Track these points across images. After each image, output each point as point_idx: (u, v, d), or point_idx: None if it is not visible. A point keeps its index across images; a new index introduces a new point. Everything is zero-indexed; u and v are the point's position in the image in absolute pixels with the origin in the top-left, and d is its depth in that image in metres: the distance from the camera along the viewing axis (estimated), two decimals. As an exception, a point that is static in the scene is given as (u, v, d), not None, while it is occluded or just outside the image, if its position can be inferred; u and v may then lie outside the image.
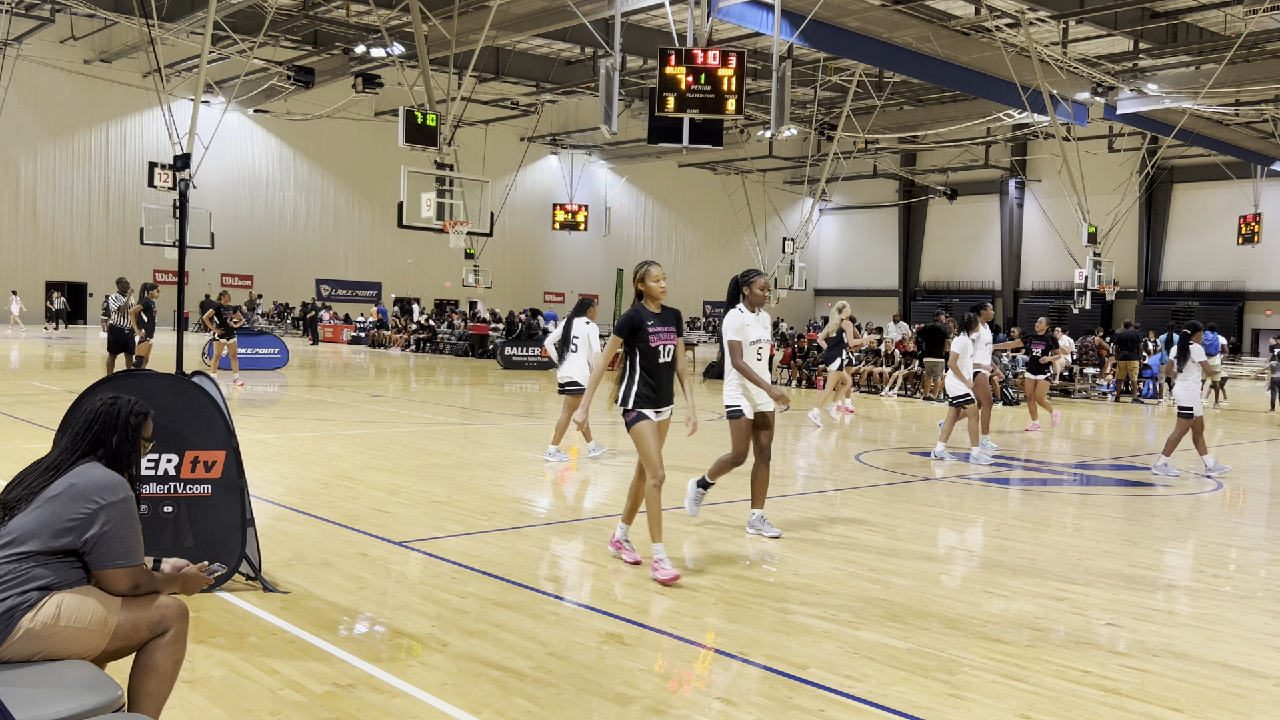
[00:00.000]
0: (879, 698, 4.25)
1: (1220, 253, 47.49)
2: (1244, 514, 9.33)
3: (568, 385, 10.66)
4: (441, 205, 20.28)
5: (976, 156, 50.28)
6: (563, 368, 10.74)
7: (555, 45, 35.67)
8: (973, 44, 26.41)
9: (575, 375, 10.60)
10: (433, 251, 46.52)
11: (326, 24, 32.02)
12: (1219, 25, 27.70)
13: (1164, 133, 31.96)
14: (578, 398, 10.42)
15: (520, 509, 8.13)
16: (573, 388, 10.58)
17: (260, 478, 8.59)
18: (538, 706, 4.04)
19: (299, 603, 5.29)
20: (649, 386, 6.02)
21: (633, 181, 56.98)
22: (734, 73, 14.66)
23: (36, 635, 3.00)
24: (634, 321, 6.01)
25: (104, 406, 3.40)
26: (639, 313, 6.05)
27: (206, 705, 3.95)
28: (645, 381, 6.01)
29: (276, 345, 22.95)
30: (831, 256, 63.48)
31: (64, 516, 3.11)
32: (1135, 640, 5.15)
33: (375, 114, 42.99)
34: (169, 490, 5.37)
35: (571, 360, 10.61)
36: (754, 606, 5.51)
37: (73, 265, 42.22)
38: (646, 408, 6.01)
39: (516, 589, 5.68)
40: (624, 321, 6.04)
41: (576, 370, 10.59)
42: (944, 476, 10.64)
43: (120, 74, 40.73)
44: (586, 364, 10.52)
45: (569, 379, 10.66)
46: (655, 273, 6.14)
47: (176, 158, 13.69)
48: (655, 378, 6.03)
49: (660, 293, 6.11)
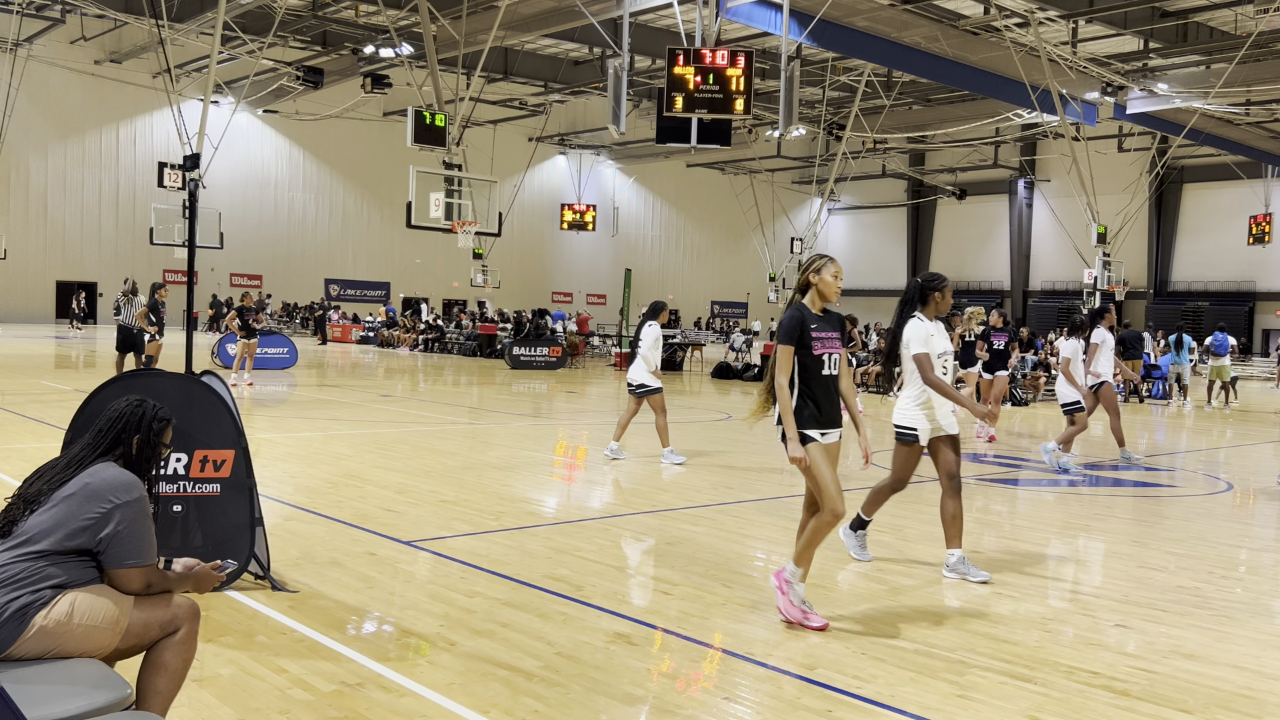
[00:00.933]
0: (887, 698, 4.24)
1: (1230, 253, 47.32)
2: (1254, 515, 9.29)
3: (635, 387, 10.78)
4: (450, 205, 20.32)
5: (985, 156, 50.19)
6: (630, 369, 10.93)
7: (563, 45, 35.69)
8: (982, 43, 26.36)
9: (637, 377, 10.73)
10: (441, 251, 46.61)
11: (335, 24, 32.10)
12: (1229, 25, 27.60)
13: (1174, 132, 31.86)
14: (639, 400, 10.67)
15: (528, 509, 8.14)
16: (639, 389, 10.71)
17: (269, 477, 8.62)
18: (545, 706, 4.05)
19: (307, 602, 5.30)
20: (812, 402, 5.17)
21: (641, 181, 56.98)
22: (742, 72, 14.65)
23: (50, 633, 3.02)
24: (801, 324, 5.15)
25: (129, 407, 3.42)
26: (804, 314, 5.19)
27: (215, 704, 3.96)
28: (807, 396, 5.17)
29: (285, 345, 23.01)
30: (840, 256, 62.90)
31: (79, 516, 3.13)
32: (1144, 641, 5.14)
33: (384, 114, 43.08)
34: (178, 489, 5.39)
35: (637, 362, 10.77)
36: (761, 607, 5.51)
37: (83, 265, 42.39)
38: (812, 428, 5.16)
39: (524, 589, 5.68)
40: (791, 325, 5.15)
41: (637, 372, 10.74)
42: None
43: (130, 74, 40.88)
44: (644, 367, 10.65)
45: (632, 380, 10.82)
46: (835, 269, 5.28)
47: (186, 158, 13.74)
48: (819, 392, 5.17)
49: (836, 293, 5.25)
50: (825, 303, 5.27)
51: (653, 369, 10.67)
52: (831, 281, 5.23)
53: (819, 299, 5.27)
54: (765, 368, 22.49)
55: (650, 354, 10.67)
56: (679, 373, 27.28)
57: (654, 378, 10.67)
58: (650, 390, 10.65)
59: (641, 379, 10.68)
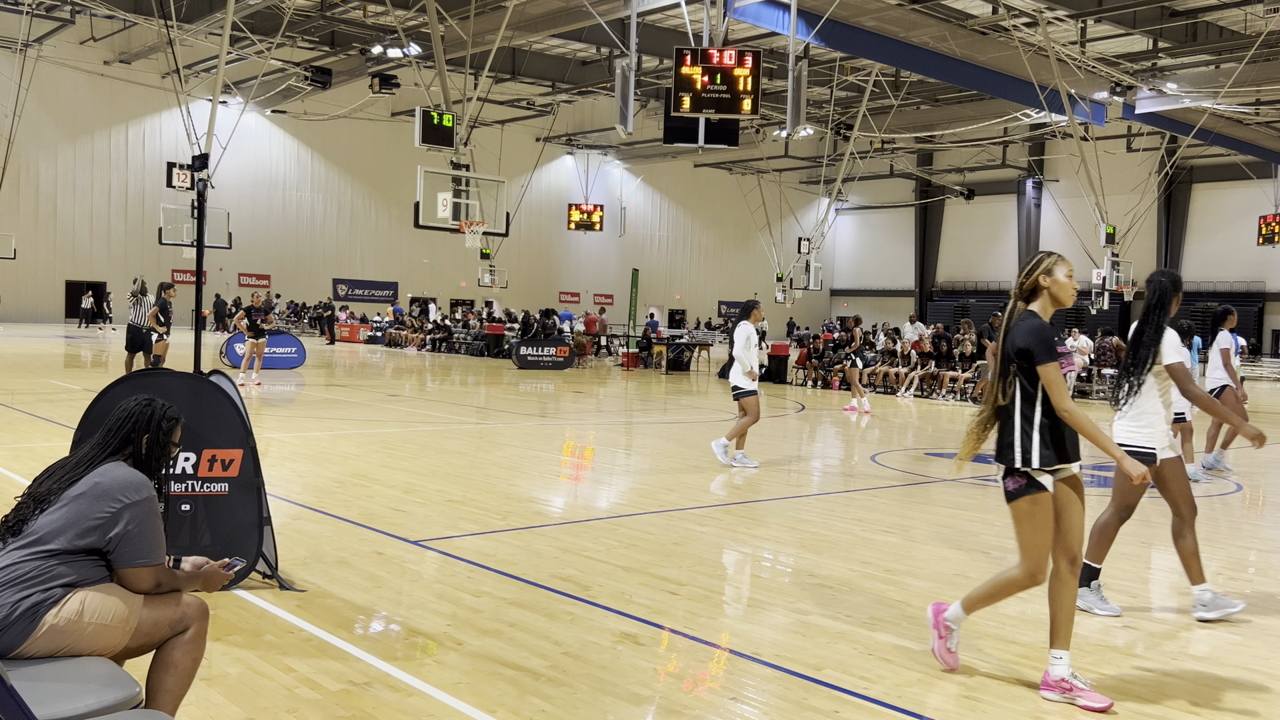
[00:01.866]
0: (894, 699, 4.24)
1: (1240, 253, 47.15)
2: (1263, 516, 9.26)
3: (732, 389, 10.66)
4: (457, 205, 20.32)
5: (994, 156, 50.08)
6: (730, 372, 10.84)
7: (571, 45, 35.71)
8: (990, 43, 26.30)
9: (733, 379, 10.61)
10: (449, 251, 46.67)
11: (343, 25, 32.17)
12: (1239, 24, 27.50)
13: (1183, 132, 31.74)
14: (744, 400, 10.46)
15: (535, 509, 8.14)
16: (734, 391, 10.58)
17: (277, 476, 8.64)
18: (552, 706, 4.05)
19: (315, 601, 5.31)
20: (1050, 432, 4.24)
21: (648, 181, 56.99)
22: (750, 72, 14.63)
23: (60, 631, 3.03)
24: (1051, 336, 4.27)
25: (139, 407, 3.43)
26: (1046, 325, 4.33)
27: (223, 702, 3.97)
28: (1045, 426, 4.23)
29: (293, 345, 23.07)
30: (847, 257, 63.34)
31: (88, 515, 3.15)
32: (1152, 643, 5.13)
33: (392, 114, 43.15)
34: (187, 489, 5.41)
35: (734, 364, 10.64)
36: (768, 607, 5.51)
37: (91, 265, 42.53)
38: (1046, 465, 4.23)
39: (531, 588, 5.69)
40: (1046, 337, 4.23)
41: (733, 374, 10.61)
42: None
43: (139, 75, 41.01)
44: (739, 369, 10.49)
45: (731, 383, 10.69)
46: (1068, 267, 4.46)
47: (195, 158, 13.76)
48: (1060, 421, 4.25)
49: (1071, 297, 4.42)
50: (1057, 308, 4.41)
51: (748, 370, 10.39)
52: (1066, 283, 4.40)
53: (1050, 305, 4.41)
54: (773, 368, 22.15)
55: (744, 355, 10.39)
56: (686, 373, 27.28)
57: (749, 380, 10.40)
58: (744, 393, 10.42)
59: (736, 380, 10.49)
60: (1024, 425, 4.24)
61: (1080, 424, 4.15)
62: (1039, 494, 4.23)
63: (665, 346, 28.93)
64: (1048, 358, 4.19)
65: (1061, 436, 4.23)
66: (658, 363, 28.49)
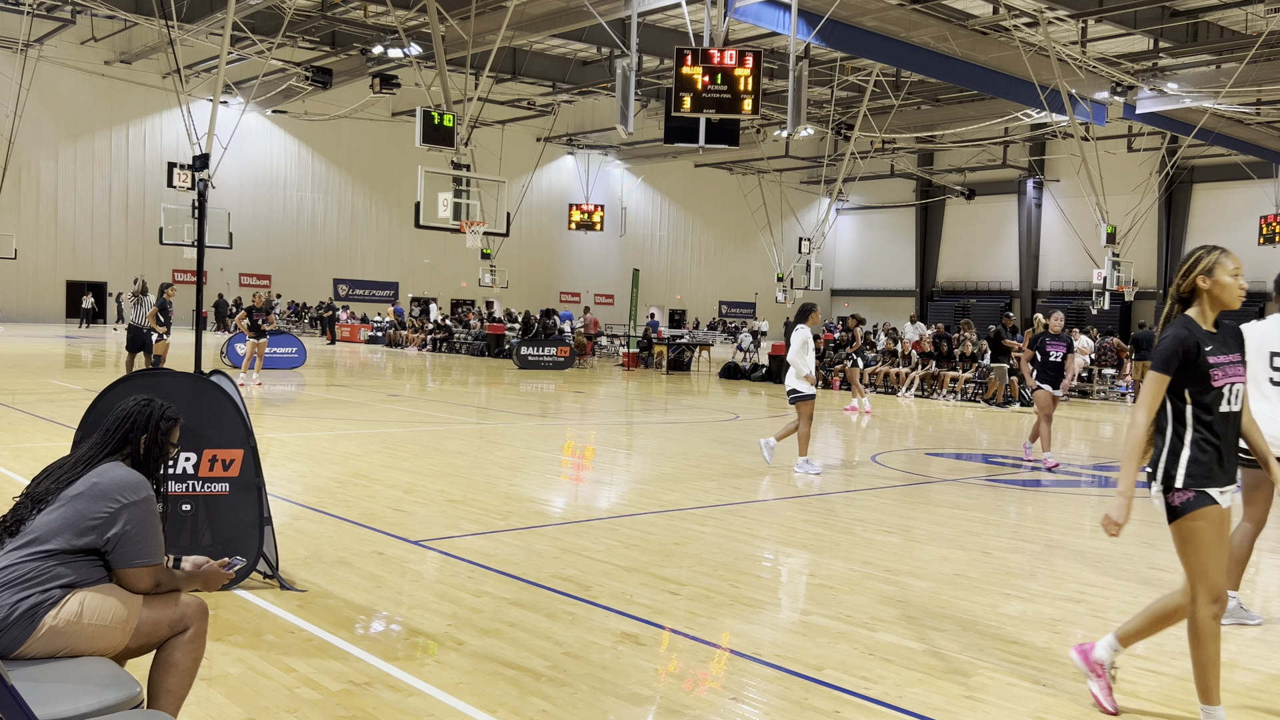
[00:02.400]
0: (895, 699, 4.24)
1: (1241, 253, 45.77)
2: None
3: (788, 393, 10.51)
4: (458, 205, 20.31)
5: (994, 156, 50.06)
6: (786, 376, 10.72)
7: (572, 45, 35.70)
8: (991, 43, 26.29)
9: (789, 383, 10.48)
10: (449, 251, 46.67)
11: (344, 25, 32.16)
12: (1240, 24, 27.49)
13: (1184, 132, 31.73)
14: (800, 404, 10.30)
15: (536, 509, 8.14)
16: (790, 395, 10.43)
17: (278, 476, 8.64)
18: (553, 706, 4.05)
19: (316, 601, 5.31)
20: (1212, 449, 3.84)
21: (649, 181, 56.97)
22: (750, 72, 14.62)
23: (60, 632, 3.03)
24: (1187, 348, 3.81)
25: (137, 407, 3.43)
26: (1193, 334, 3.84)
27: (224, 702, 3.97)
28: (1206, 442, 3.84)
29: (294, 344, 23.08)
30: (848, 257, 63.31)
31: (86, 515, 3.14)
32: (1153, 643, 5.12)
33: (392, 114, 43.14)
34: (187, 489, 5.41)
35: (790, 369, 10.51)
36: (769, 607, 5.50)
37: (92, 265, 42.54)
38: (1211, 484, 3.83)
39: (532, 588, 5.69)
40: (1173, 347, 3.81)
41: (789, 378, 10.48)
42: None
43: (140, 75, 41.01)
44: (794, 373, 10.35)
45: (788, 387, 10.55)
46: (1234, 264, 3.93)
47: (195, 158, 13.74)
48: (1218, 436, 3.84)
49: (1238, 299, 3.91)
50: (1221, 310, 3.93)
51: (804, 374, 10.24)
52: (1231, 283, 3.88)
53: (1211, 308, 3.91)
54: (774, 368, 21.96)
55: (799, 359, 10.25)
56: (686, 373, 27.28)
57: (806, 383, 10.26)
58: (801, 397, 10.28)
59: (792, 384, 10.37)
60: (1173, 438, 3.90)
61: (1130, 437, 3.89)
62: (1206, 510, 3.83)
63: (666, 346, 28.95)
64: (1154, 365, 3.86)
65: (1221, 454, 3.85)
66: (658, 363, 28.50)
